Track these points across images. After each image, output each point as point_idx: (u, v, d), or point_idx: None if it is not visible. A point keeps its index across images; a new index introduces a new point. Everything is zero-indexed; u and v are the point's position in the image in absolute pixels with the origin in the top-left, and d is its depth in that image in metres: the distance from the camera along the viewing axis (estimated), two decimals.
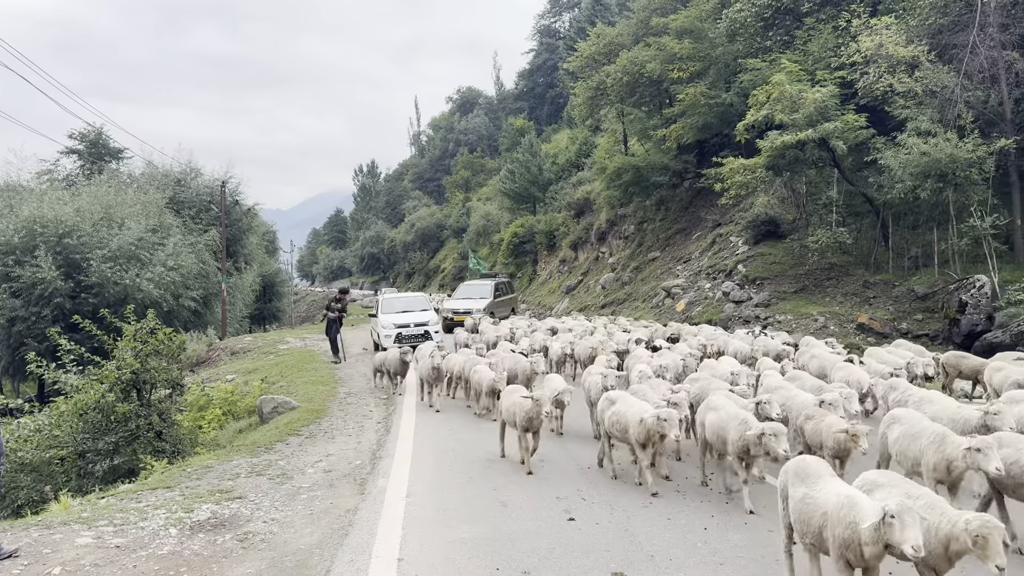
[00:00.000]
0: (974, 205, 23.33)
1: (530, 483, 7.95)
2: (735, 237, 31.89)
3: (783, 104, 26.14)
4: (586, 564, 5.75)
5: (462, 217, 76.62)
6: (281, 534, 6.52)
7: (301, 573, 5.69)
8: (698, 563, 5.76)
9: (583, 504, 7.18)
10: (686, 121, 35.34)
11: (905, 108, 25.06)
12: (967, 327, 21.61)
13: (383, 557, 5.91)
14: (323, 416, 11.95)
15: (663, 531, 6.44)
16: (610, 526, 6.56)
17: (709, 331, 19.17)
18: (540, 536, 6.33)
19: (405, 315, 22.54)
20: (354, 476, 8.36)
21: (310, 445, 9.94)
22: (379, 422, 11.48)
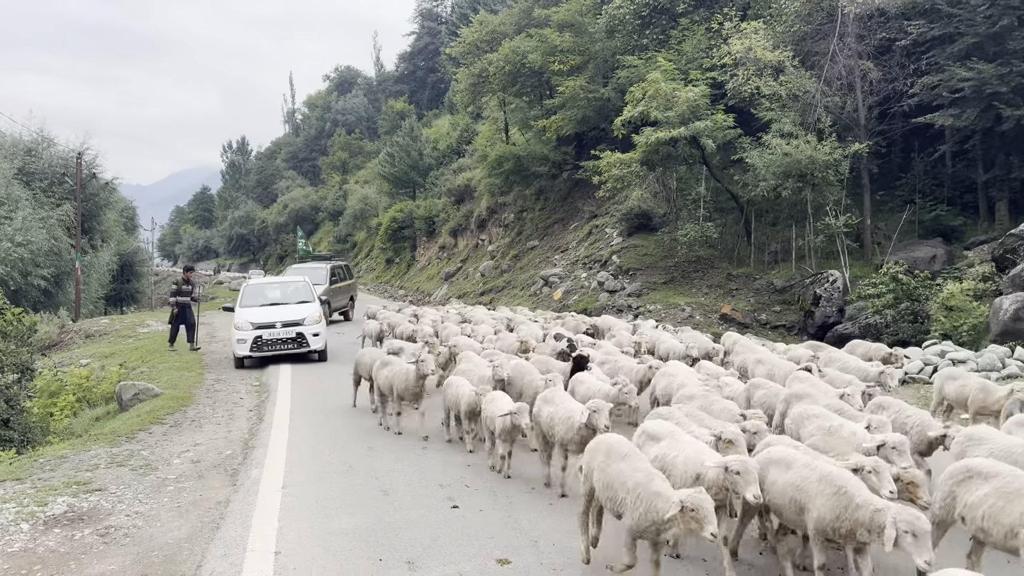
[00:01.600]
0: (829, 204, 24.90)
1: (413, 471, 7.86)
2: (610, 229, 32.73)
3: (658, 102, 26.98)
4: (471, 551, 5.74)
5: (339, 200, 74.99)
6: (146, 528, 6.16)
7: (169, 569, 5.39)
8: (577, 547, 5.86)
9: (467, 492, 7.16)
10: (566, 113, 35.89)
11: (770, 110, 26.40)
12: (820, 319, 23.07)
13: (259, 551, 5.69)
14: (189, 404, 11.39)
15: (546, 517, 6.52)
16: (494, 513, 6.58)
17: (635, 329, 16.40)
18: (424, 525, 6.27)
19: (273, 310, 16.60)
20: (225, 467, 8.00)
21: (175, 434, 9.45)
22: (251, 410, 11.05)
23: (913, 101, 24.63)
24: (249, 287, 18.35)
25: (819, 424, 6.88)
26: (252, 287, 18.42)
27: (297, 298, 17.59)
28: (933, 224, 25.56)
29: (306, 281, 18.86)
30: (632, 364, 10.42)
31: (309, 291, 18.04)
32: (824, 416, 7.02)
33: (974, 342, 17.09)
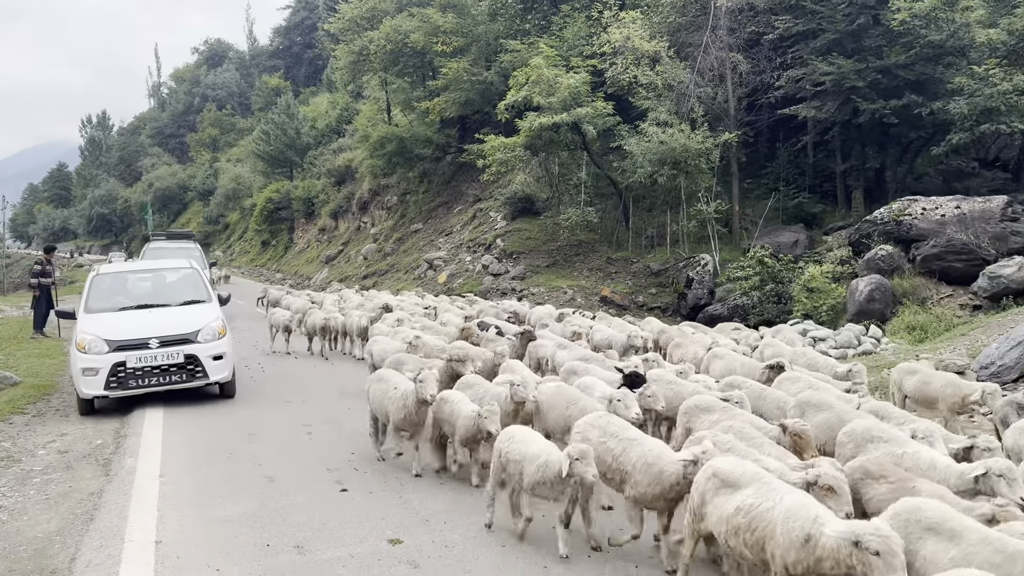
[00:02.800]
0: (701, 191, 25.99)
1: (298, 457, 7.71)
2: (495, 212, 32.95)
3: (541, 87, 27.29)
4: (362, 533, 5.70)
5: (209, 178, 71.87)
6: (11, 522, 5.78)
7: (40, 563, 5.09)
8: (469, 524, 5.94)
9: (356, 475, 7.10)
10: (449, 96, 35.71)
11: (647, 99, 27.20)
12: (693, 300, 24.08)
13: (138, 540, 5.45)
14: (53, 393, 10.72)
15: (436, 496, 6.56)
16: (384, 495, 6.56)
17: (561, 316, 15.39)
18: (312, 509, 6.17)
19: (143, 317, 10.89)
20: (95, 456, 7.60)
21: (39, 425, 8.88)
22: None
23: (779, 93, 25.98)
24: (101, 277, 11.90)
25: (891, 451, 5.41)
26: (106, 277, 12.02)
27: (182, 296, 11.63)
28: (795, 211, 27.12)
29: (195, 268, 12.61)
30: None
31: (201, 284, 12.03)
32: (895, 439, 5.57)
33: (832, 321, 18.33)
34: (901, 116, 23.20)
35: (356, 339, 14.48)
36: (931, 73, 22.80)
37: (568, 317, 15.27)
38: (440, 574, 5.08)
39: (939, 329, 16.00)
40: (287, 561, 5.23)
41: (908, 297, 17.71)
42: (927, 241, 18.33)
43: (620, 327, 13.71)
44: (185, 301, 11.42)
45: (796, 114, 25.38)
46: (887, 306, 17.71)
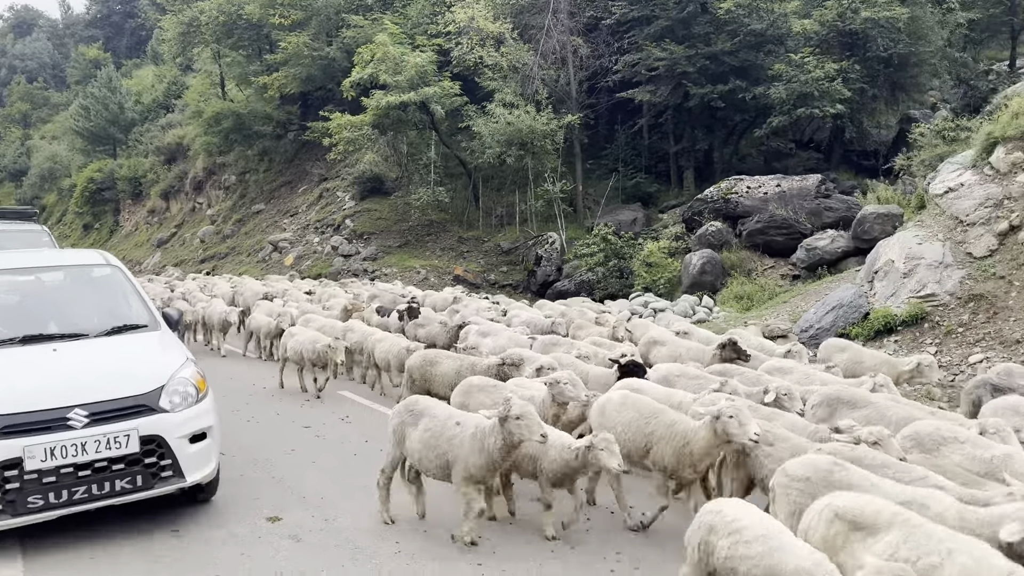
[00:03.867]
0: (548, 172, 26.79)
1: None
2: (342, 192, 32.43)
3: (387, 65, 27.09)
4: (238, 513, 5.72)
5: (21, 157, 65.76)
6: None
7: None
8: (347, 497, 6.08)
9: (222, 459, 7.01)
10: (289, 71, 34.59)
11: (493, 80, 27.65)
12: (542, 277, 24.91)
13: None
14: None
15: (309, 474, 6.64)
16: (256, 476, 6.56)
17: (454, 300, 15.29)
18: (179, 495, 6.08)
19: (41, 363, 5.74)
20: None
21: None
22: None
23: (617, 77, 27.20)
24: None
25: (974, 454, 4.58)
26: None
27: (105, 318, 6.62)
28: (634, 190, 28.56)
29: (115, 266, 7.20)
30: None
31: (133, 294, 6.93)
32: (970, 439, 4.79)
33: (669, 293, 19.61)
34: (727, 100, 24.94)
35: (218, 333, 14.19)
36: (754, 60, 24.60)
37: (464, 300, 15.34)
38: (323, 546, 5.22)
39: (763, 298, 17.51)
40: (168, 545, 5.18)
41: (736, 269, 19.23)
42: (752, 217, 19.93)
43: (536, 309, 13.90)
44: (114, 328, 6.36)
45: (633, 98, 26.66)
46: (717, 278, 19.15)
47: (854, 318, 12.16)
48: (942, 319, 11.16)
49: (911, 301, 11.62)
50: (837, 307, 12.49)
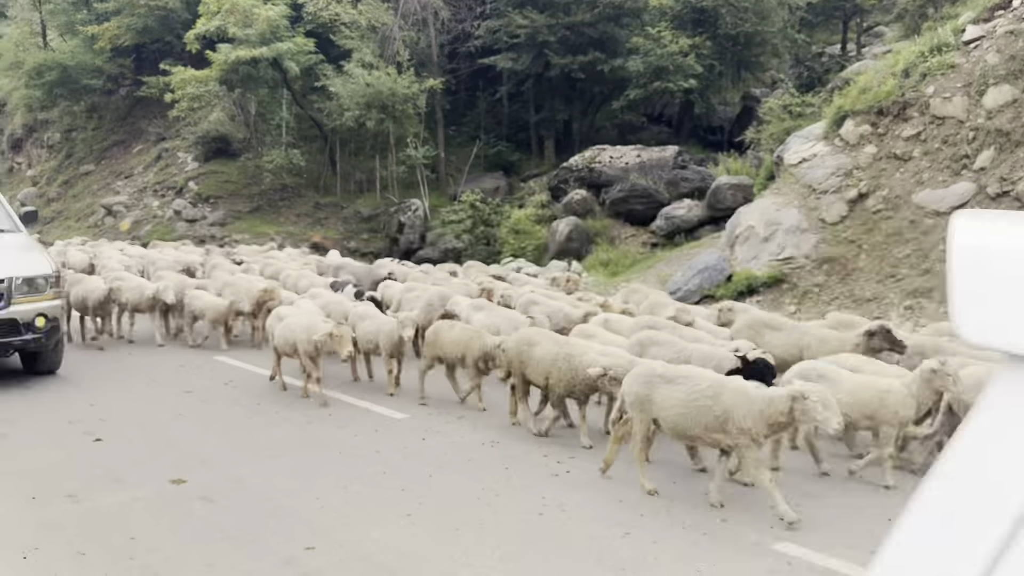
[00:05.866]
0: (410, 137, 26.35)
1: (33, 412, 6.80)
2: (183, 153, 30.40)
3: (236, 17, 25.55)
4: (140, 476, 5.27)
5: None
6: None
7: None
8: (252, 457, 5.76)
9: (105, 425, 6.45)
10: (122, 21, 31.84)
11: (350, 39, 26.73)
12: (405, 245, 24.57)
13: None
14: None
15: (205, 437, 6.23)
16: (148, 441, 6.08)
17: None
18: (72, 462, 5.55)
19: None
20: None
21: None
22: None
23: (478, 43, 27.06)
24: None
25: None
26: None
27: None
28: (496, 158, 28.67)
29: None
30: None
31: None
32: None
33: (537, 260, 19.93)
34: (587, 71, 25.44)
35: None
36: (612, 32, 25.20)
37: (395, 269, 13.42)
38: (239, 506, 4.91)
39: (626, 263, 18.17)
40: (63, 511, 4.69)
41: (600, 236, 19.80)
42: (614, 186, 20.54)
43: None
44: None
45: (494, 65, 26.65)
46: (583, 244, 19.64)
47: (719, 280, 12.84)
48: (799, 280, 12.00)
49: (771, 264, 12.40)
50: (703, 270, 13.14)
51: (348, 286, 10.73)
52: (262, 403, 7.39)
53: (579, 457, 6.09)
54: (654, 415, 5.22)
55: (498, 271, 15.68)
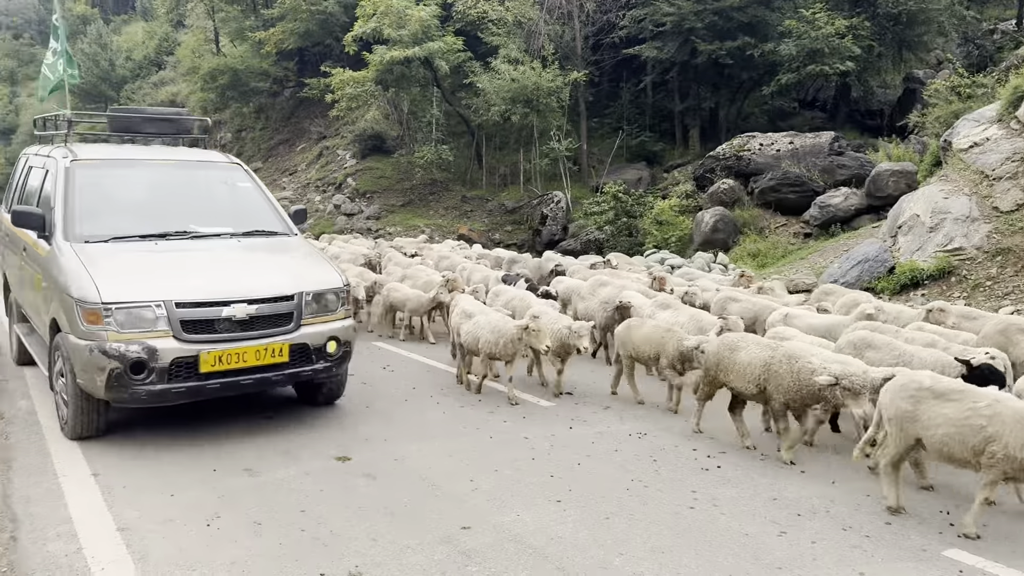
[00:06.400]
0: (553, 130, 26.55)
1: None
2: (342, 151, 32.06)
3: (390, 19, 26.61)
4: (309, 452, 5.71)
5: (9, 115, 64.60)
6: None
7: None
8: (410, 438, 6.07)
9: (276, 403, 6.98)
10: (287, 26, 33.95)
11: (497, 35, 27.25)
12: (547, 237, 24.80)
13: (71, 476, 5.17)
14: None
15: (366, 417, 6.61)
16: (312, 419, 6.52)
17: None
18: (262, 433, 6.06)
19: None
20: None
21: None
22: None
23: (623, 33, 26.84)
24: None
25: None
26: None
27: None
28: (638, 149, 28.38)
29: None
30: None
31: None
32: None
33: (680, 251, 19.57)
34: (735, 57, 24.66)
35: None
36: (763, 16, 24.29)
37: None
38: (398, 484, 5.22)
39: (777, 255, 17.55)
40: (241, 483, 5.16)
41: (748, 227, 19.20)
42: (764, 175, 19.85)
43: None
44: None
45: (639, 54, 26.33)
46: (730, 235, 19.12)
47: (879, 272, 12.19)
48: (969, 273, 11.20)
49: (938, 255, 11.65)
50: (862, 261, 12.51)
51: (520, 280, 10.40)
52: (417, 387, 7.76)
53: (730, 452, 6.02)
54: (918, 435, 4.65)
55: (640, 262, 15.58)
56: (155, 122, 8.01)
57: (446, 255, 13.98)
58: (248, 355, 5.75)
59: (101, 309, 5.43)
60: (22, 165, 8.50)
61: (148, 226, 6.45)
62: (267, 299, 5.91)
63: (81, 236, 6.12)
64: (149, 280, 5.70)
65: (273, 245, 6.86)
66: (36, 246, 6.48)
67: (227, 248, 6.55)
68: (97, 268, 5.68)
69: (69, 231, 6.14)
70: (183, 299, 5.61)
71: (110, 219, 6.45)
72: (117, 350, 5.40)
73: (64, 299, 5.67)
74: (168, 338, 5.54)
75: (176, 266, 6.01)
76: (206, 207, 7.13)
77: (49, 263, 6.10)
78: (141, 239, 6.29)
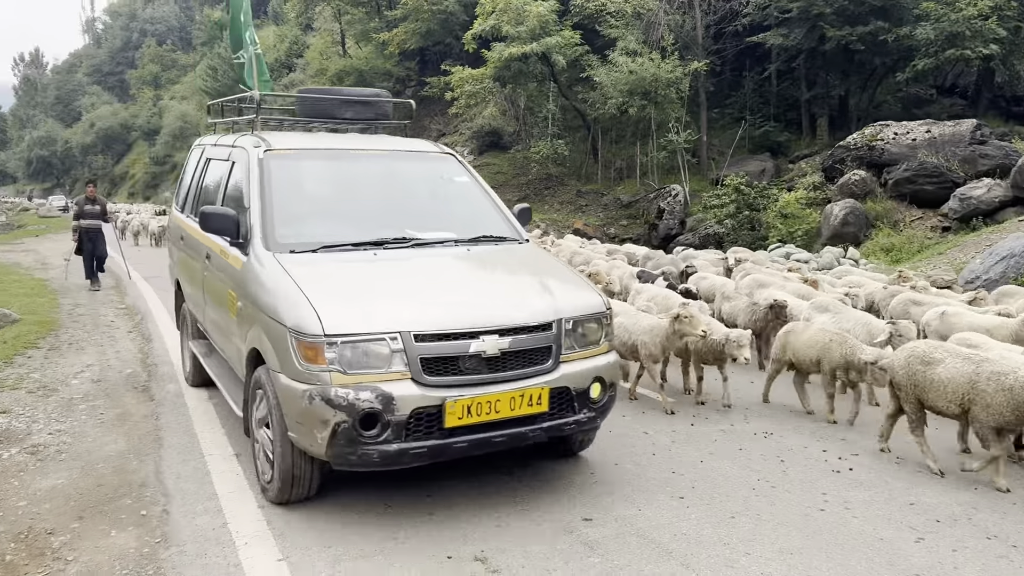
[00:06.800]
0: (671, 122, 26.15)
1: None
2: (461, 147, 32.66)
3: (509, 16, 26.90)
4: None
5: (154, 117, 69.41)
6: (77, 444, 5.77)
7: (126, 478, 5.13)
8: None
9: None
10: (409, 26, 34.93)
11: (615, 28, 27.05)
12: (664, 231, 24.46)
13: (217, 455, 5.51)
14: (57, 328, 10.50)
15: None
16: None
17: None
18: None
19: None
20: (132, 384, 7.55)
21: (59, 357, 8.74)
22: (130, 331, 10.37)
23: (746, 20, 26.09)
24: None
25: None
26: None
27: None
28: (761, 140, 27.54)
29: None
30: None
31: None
32: None
33: (807, 245, 18.88)
34: (867, 42, 23.54)
35: None
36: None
37: None
38: (520, 473, 5.28)
39: (912, 249, 16.64)
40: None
41: (881, 220, 18.30)
42: (899, 165, 18.86)
43: None
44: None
45: (763, 42, 25.54)
46: (861, 229, 18.28)
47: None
48: None
49: None
50: (1007, 257, 11.70)
51: (659, 278, 9.81)
52: None
53: (863, 455, 5.76)
54: None
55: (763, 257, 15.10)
56: (352, 105, 6.72)
57: (577, 251, 13.65)
58: (502, 404, 4.42)
59: (324, 343, 4.15)
60: (197, 157, 7.46)
61: (361, 232, 5.21)
62: (523, 328, 4.54)
63: (284, 245, 4.93)
64: (378, 303, 4.41)
65: (506, 254, 5.53)
66: (225, 255, 5.38)
67: (457, 260, 5.26)
68: (313, 287, 4.44)
69: (270, 238, 4.96)
70: (423, 329, 4.29)
71: (316, 223, 5.34)
72: (344, 398, 4.11)
73: (272, 327, 4.46)
74: (406, 381, 4.24)
75: (404, 284, 4.72)
76: (423, 207, 5.94)
77: (247, 278, 4.92)
78: (355, 248, 5.04)
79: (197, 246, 6.30)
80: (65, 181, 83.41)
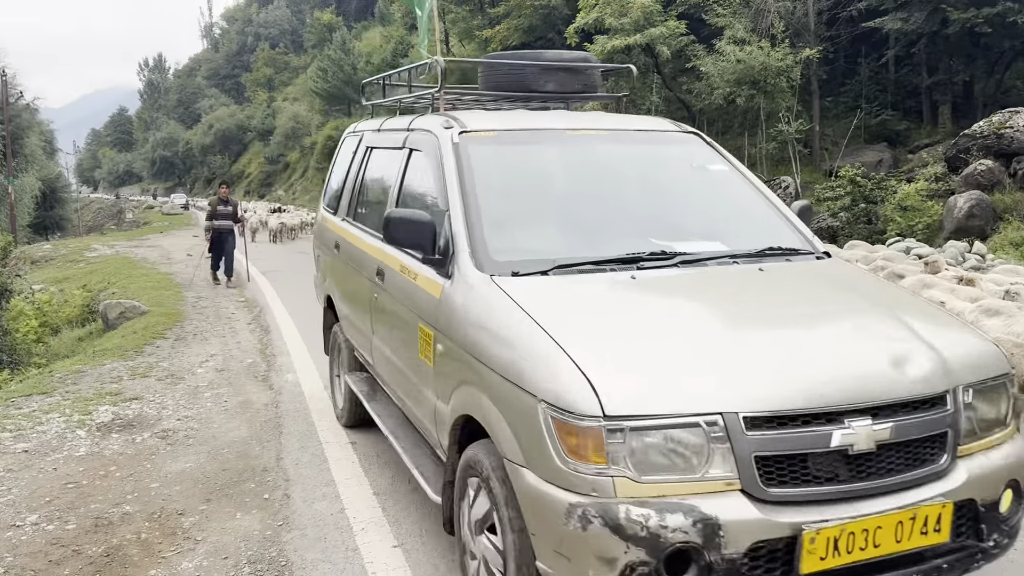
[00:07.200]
0: (782, 111, 25.27)
1: None
2: None
3: (612, 8, 26.65)
4: None
5: (267, 118, 72.45)
6: (203, 430, 6.11)
7: (249, 463, 5.40)
8: None
9: None
10: (511, 22, 35.08)
11: (721, 16, 26.35)
12: None
13: (333, 442, 5.73)
14: (182, 320, 11.14)
15: None
16: None
17: None
18: None
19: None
20: (253, 373, 7.93)
21: (184, 347, 9.28)
22: (249, 323, 10.89)
23: (861, 5, 24.92)
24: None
25: None
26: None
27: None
28: (878, 129, 26.29)
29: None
30: None
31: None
32: None
33: (928, 240, 17.88)
34: (994, 25, 22.04)
35: None
36: None
37: None
38: None
39: None
40: None
41: (1010, 213, 17.17)
42: None
43: None
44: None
45: (880, 27, 24.33)
46: (987, 222, 17.21)
47: None
48: None
49: None
50: None
51: None
52: None
53: None
54: None
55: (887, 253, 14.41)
56: (555, 73, 5.03)
57: None
58: (883, 533, 2.63)
59: (604, 429, 2.52)
60: (352, 147, 5.91)
61: (597, 243, 3.66)
62: (906, 404, 2.77)
63: (503, 263, 3.38)
64: (674, 362, 2.75)
65: (817, 277, 3.71)
66: (409, 273, 3.98)
67: (751, 284, 3.48)
68: (567, 333, 2.83)
69: (481, 253, 3.44)
70: (758, 409, 2.60)
71: (538, 231, 3.82)
72: (643, 524, 2.45)
73: (507, 393, 2.87)
74: (734, 495, 2.55)
75: (700, 328, 3.02)
76: (676, 206, 4.30)
77: (452, 312, 3.41)
78: (600, 267, 3.41)
79: (362, 259, 4.90)
80: (186, 180, 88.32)
